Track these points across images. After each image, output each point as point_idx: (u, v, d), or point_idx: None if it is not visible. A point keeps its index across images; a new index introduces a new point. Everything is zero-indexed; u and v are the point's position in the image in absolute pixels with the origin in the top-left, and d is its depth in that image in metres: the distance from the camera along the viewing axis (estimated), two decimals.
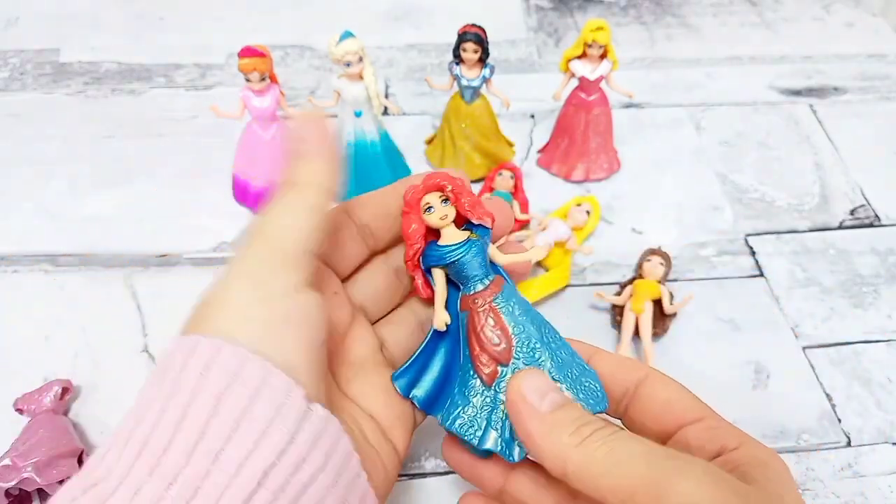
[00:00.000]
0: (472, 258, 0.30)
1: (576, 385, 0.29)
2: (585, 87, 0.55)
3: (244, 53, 0.48)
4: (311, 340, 0.25)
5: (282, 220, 0.27)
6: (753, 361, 0.47)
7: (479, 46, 0.51)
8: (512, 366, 0.29)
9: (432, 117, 0.64)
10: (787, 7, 0.79)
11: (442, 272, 0.31)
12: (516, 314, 0.30)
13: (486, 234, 0.31)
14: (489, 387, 0.30)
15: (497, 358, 0.29)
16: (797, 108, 0.67)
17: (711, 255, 0.54)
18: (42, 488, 0.37)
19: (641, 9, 0.78)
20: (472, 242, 0.30)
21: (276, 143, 0.52)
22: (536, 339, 0.30)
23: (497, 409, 0.29)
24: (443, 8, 0.77)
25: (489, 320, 0.30)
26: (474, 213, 0.30)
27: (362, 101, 0.52)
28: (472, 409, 0.30)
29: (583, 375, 0.30)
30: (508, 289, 0.31)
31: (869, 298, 0.51)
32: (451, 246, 0.30)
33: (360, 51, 0.49)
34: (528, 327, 0.30)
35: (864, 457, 0.43)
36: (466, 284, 0.30)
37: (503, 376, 0.29)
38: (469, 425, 0.30)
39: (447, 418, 0.30)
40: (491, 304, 0.30)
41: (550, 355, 0.30)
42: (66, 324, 0.48)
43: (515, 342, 0.30)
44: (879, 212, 0.57)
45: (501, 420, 0.29)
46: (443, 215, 0.30)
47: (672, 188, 0.59)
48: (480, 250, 0.30)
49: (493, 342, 0.29)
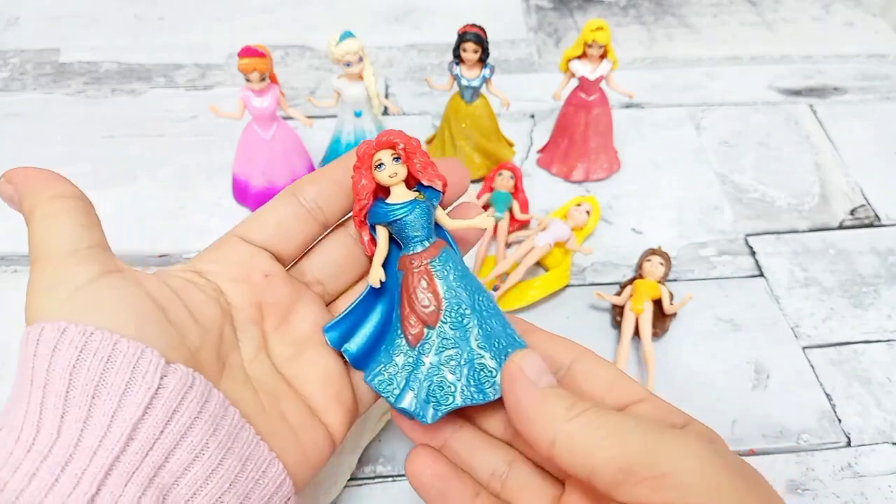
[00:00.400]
0: (416, 219, 0.30)
1: (501, 355, 0.29)
2: (585, 87, 0.55)
3: (244, 53, 0.48)
4: (139, 314, 0.26)
5: (45, 235, 0.27)
6: (753, 361, 0.47)
7: (479, 46, 0.51)
8: (438, 329, 0.30)
9: (432, 117, 0.64)
10: (787, 7, 0.79)
11: (385, 230, 0.31)
12: (450, 279, 0.30)
13: (434, 197, 0.31)
14: (413, 347, 0.30)
15: (425, 320, 0.30)
16: (797, 108, 0.67)
17: (711, 255, 0.54)
18: None
19: (641, 9, 0.79)
20: (417, 203, 0.30)
21: (276, 144, 0.52)
22: (467, 306, 0.30)
23: (418, 369, 0.30)
24: (443, 8, 0.77)
25: (422, 282, 0.30)
26: (425, 175, 0.30)
27: (362, 101, 0.52)
28: (394, 367, 0.30)
29: (510, 346, 0.30)
30: (447, 253, 0.31)
31: (869, 298, 0.51)
32: (396, 204, 0.30)
33: (360, 51, 0.49)
34: (461, 293, 0.30)
35: (864, 457, 0.43)
36: (407, 244, 0.30)
37: (428, 338, 0.30)
38: (388, 383, 0.30)
39: (369, 374, 0.31)
40: (427, 265, 0.30)
41: (479, 322, 0.30)
42: None
43: (445, 306, 0.30)
44: (879, 212, 0.57)
45: (420, 381, 0.29)
46: (392, 173, 0.30)
47: (672, 188, 0.59)
48: (425, 212, 0.30)
49: (423, 304, 0.30)
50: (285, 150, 0.53)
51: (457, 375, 0.29)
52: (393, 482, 0.41)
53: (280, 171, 0.54)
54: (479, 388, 0.29)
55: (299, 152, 0.54)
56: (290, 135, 0.53)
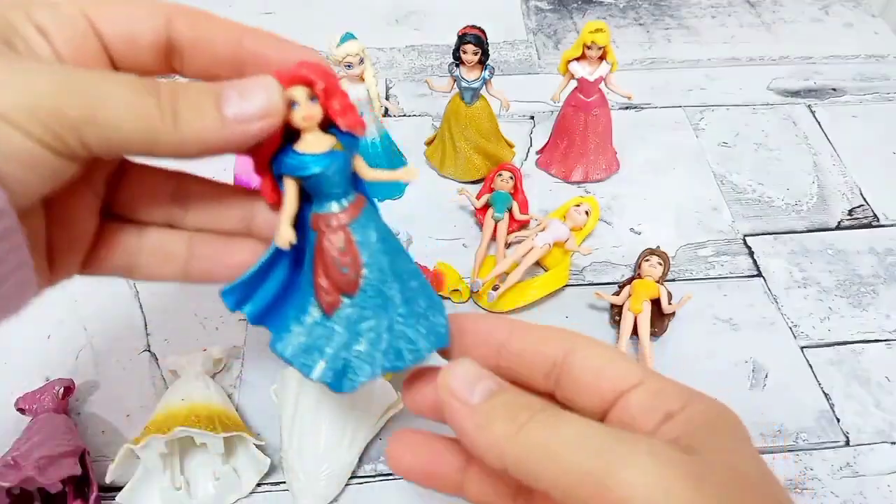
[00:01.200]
0: (335, 174, 0.26)
1: (420, 321, 0.27)
2: (585, 88, 0.55)
3: None
4: None
5: None
6: (752, 361, 0.47)
7: (479, 48, 0.51)
8: (358, 297, 0.27)
9: (432, 118, 0.65)
10: (785, 8, 0.79)
11: (294, 183, 0.26)
12: (372, 241, 0.27)
13: (353, 145, 0.27)
14: (328, 317, 0.27)
15: (341, 287, 0.26)
16: (796, 109, 0.67)
17: (710, 255, 0.54)
18: (44, 487, 0.37)
19: (640, 10, 0.79)
20: (336, 155, 0.26)
21: None
22: (389, 271, 0.27)
23: (332, 340, 0.27)
24: (443, 10, 0.77)
25: (340, 246, 0.26)
26: (346, 120, 0.26)
27: (363, 102, 0.52)
28: (306, 337, 0.27)
29: (430, 309, 0.28)
30: (369, 211, 0.27)
31: (867, 298, 0.51)
32: (313, 156, 0.26)
33: (361, 52, 0.49)
34: (382, 258, 0.27)
35: (863, 456, 0.43)
36: (322, 202, 0.26)
37: (344, 307, 0.27)
38: (300, 354, 0.27)
39: (277, 343, 0.28)
40: (346, 227, 0.26)
41: (400, 289, 0.27)
42: (67, 323, 0.48)
43: (365, 272, 0.26)
44: (878, 212, 0.58)
45: (336, 351, 0.27)
46: (308, 115, 0.25)
47: (671, 189, 0.59)
48: (345, 164, 0.26)
49: (341, 270, 0.26)
50: None
51: (374, 345, 0.27)
52: (395, 480, 0.41)
53: None
54: (398, 355, 0.27)
55: None
56: None
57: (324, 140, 0.26)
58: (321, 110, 0.25)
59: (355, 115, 0.26)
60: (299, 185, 0.26)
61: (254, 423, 0.44)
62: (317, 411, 0.40)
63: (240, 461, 0.41)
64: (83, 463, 0.39)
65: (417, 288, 0.28)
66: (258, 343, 0.47)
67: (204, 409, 0.40)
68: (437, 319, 0.28)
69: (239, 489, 0.41)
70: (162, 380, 0.46)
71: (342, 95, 0.26)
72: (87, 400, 0.45)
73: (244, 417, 0.43)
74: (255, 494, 0.41)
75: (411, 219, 0.56)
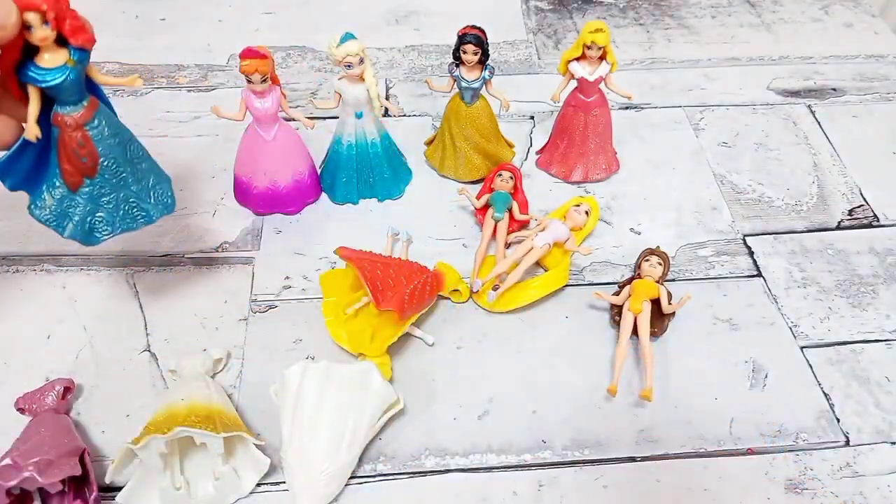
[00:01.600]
0: (69, 85, 0.34)
1: (150, 194, 0.38)
2: (584, 88, 0.55)
3: (245, 55, 0.48)
4: None
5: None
6: (751, 361, 0.47)
7: (479, 48, 0.51)
8: (97, 179, 0.37)
9: (432, 118, 0.65)
10: (785, 8, 0.79)
11: (37, 90, 0.34)
12: (105, 136, 0.36)
13: (84, 59, 0.35)
14: (73, 192, 0.37)
15: (83, 172, 0.37)
16: (795, 109, 0.67)
17: (710, 255, 0.54)
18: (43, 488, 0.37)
19: (640, 10, 0.79)
20: (67, 69, 0.34)
21: (277, 144, 0.52)
22: (122, 159, 0.38)
23: (78, 209, 0.38)
24: (443, 10, 0.77)
25: (79, 141, 0.35)
26: (76, 40, 0.33)
27: (363, 102, 0.52)
28: (56, 204, 0.37)
29: (158, 185, 0.39)
30: (101, 113, 0.36)
31: (867, 298, 0.51)
32: (49, 70, 0.34)
33: (361, 52, 0.49)
34: (115, 149, 0.37)
35: (863, 456, 0.43)
36: (61, 104, 0.35)
37: (86, 186, 0.37)
38: (53, 219, 0.38)
39: (35, 210, 0.38)
40: (82, 126, 0.36)
41: (132, 171, 0.38)
42: (67, 323, 0.48)
43: (101, 161, 0.37)
44: (878, 212, 0.58)
45: (82, 217, 0.38)
46: (42, 37, 0.32)
47: (670, 189, 0.59)
48: (77, 76, 0.34)
49: (81, 160, 0.36)
50: (287, 150, 0.53)
51: (113, 213, 0.38)
52: (395, 480, 0.41)
53: (282, 171, 0.54)
54: (133, 219, 0.39)
55: (301, 153, 0.55)
56: (292, 135, 0.54)
57: (59, 56, 0.34)
58: (53, 32, 0.33)
59: (85, 33, 0.34)
60: (41, 91, 0.35)
61: (254, 424, 0.44)
62: (316, 412, 0.40)
63: (240, 461, 0.41)
64: (83, 463, 0.39)
65: (146, 169, 0.40)
66: (258, 343, 0.47)
67: (204, 409, 0.40)
68: (165, 192, 0.41)
69: (239, 489, 0.41)
70: (162, 380, 0.46)
71: (73, 17, 0.33)
72: (87, 400, 0.45)
73: (244, 417, 0.43)
74: (255, 494, 0.41)
75: (411, 219, 0.56)
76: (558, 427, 0.44)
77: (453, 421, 0.44)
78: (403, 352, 0.47)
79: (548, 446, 0.43)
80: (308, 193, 0.57)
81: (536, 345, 0.48)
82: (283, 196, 0.55)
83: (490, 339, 0.48)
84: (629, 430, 0.44)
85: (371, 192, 0.57)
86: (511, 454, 0.43)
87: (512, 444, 0.43)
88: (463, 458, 0.42)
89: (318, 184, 0.57)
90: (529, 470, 0.42)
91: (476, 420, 0.44)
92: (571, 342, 0.48)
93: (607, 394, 0.44)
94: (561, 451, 0.43)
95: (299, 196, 0.56)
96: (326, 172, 0.57)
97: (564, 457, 0.43)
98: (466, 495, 0.41)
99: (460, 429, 0.44)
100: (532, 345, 0.48)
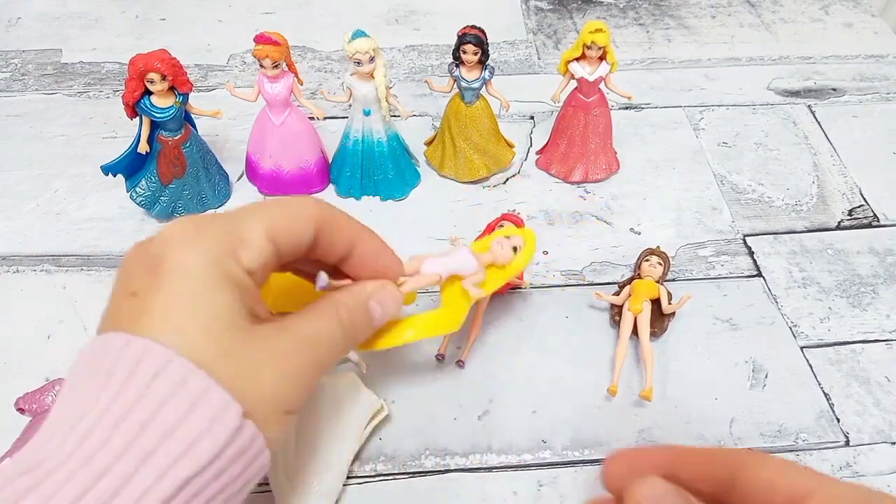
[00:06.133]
0: (172, 120, 0.50)
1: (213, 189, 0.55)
2: (584, 88, 0.55)
3: (258, 40, 0.50)
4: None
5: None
6: (751, 361, 0.47)
7: (479, 48, 0.51)
8: (182, 180, 0.53)
9: (432, 118, 0.65)
10: (785, 8, 0.79)
11: (148, 119, 0.50)
12: (193, 153, 0.52)
13: (185, 100, 0.50)
14: (164, 186, 0.53)
15: (174, 174, 0.52)
16: (795, 109, 0.67)
17: (710, 255, 0.54)
18: None
19: (640, 10, 0.79)
20: (175, 109, 0.50)
21: (285, 130, 0.54)
22: (199, 167, 0.53)
23: (165, 197, 0.53)
24: (443, 10, 0.77)
25: (175, 156, 0.51)
26: (183, 88, 0.49)
27: (371, 100, 0.52)
28: (149, 192, 0.53)
29: (221, 181, 0.56)
30: (192, 138, 0.52)
31: (867, 298, 0.51)
32: (162, 109, 0.49)
33: (372, 51, 0.50)
34: (198, 161, 0.53)
35: (863, 456, 0.43)
36: (165, 130, 0.51)
37: (174, 183, 0.53)
38: (144, 201, 0.53)
39: (132, 194, 0.53)
40: (179, 146, 0.51)
41: (206, 174, 0.54)
42: (67, 323, 0.48)
43: (188, 168, 0.52)
44: (878, 212, 0.58)
45: (166, 204, 0.53)
46: (161, 89, 0.48)
47: (671, 189, 0.59)
48: (179, 113, 0.50)
49: (174, 168, 0.52)
50: (295, 137, 0.54)
51: (188, 202, 0.54)
52: (394, 480, 0.41)
53: (287, 156, 0.55)
54: (201, 205, 0.55)
55: (310, 141, 0.55)
56: (303, 123, 0.54)
57: (169, 99, 0.49)
58: (168, 84, 0.48)
59: (188, 85, 0.50)
60: (151, 120, 0.50)
61: None
62: (304, 429, 0.39)
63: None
64: None
65: (214, 171, 0.55)
66: None
67: None
68: (224, 187, 0.56)
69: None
70: None
71: (181, 73, 0.49)
72: None
73: None
74: (255, 494, 0.41)
75: (412, 219, 0.56)
76: (558, 427, 0.44)
77: (453, 421, 0.44)
78: (404, 351, 0.47)
79: (548, 446, 0.43)
80: (313, 182, 0.57)
81: (536, 345, 0.48)
82: (287, 181, 0.56)
83: (490, 338, 0.48)
84: (629, 430, 0.44)
85: (374, 191, 0.57)
86: (511, 454, 0.43)
87: (512, 444, 0.43)
88: (463, 458, 0.42)
89: (325, 174, 0.58)
90: (529, 470, 0.42)
91: (476, 420, 0.44)
92: (571, 342, 0.48)
93: (607, 394, 0.44)
94: (561, 451, 0.43)
95: (303, 183, 0.57)
96: (335, 164, 0.58)
97: (564, 457, 0.43)
98: (466, 495, 0.41)
99: (460, 429, 0.44)
100: (532, 345, 0.48)
